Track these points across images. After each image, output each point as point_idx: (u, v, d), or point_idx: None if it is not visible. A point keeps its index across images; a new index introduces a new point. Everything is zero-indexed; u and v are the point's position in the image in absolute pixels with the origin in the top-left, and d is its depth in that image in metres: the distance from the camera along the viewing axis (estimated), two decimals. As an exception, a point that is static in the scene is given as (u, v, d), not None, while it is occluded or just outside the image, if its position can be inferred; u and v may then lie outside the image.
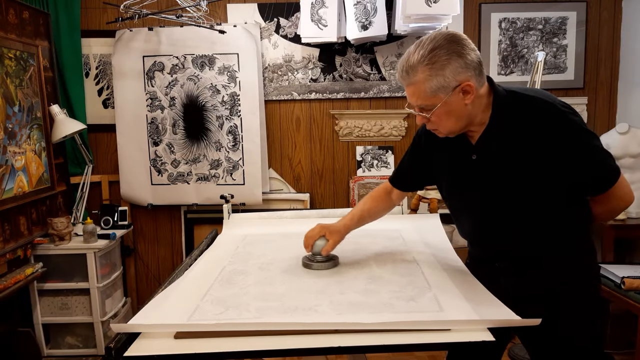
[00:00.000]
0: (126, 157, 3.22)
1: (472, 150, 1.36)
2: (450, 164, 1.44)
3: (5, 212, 2.43)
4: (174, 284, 1.40)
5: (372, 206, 1.66)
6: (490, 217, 1.38)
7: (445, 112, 1.28)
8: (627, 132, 3.01)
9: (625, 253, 3.26)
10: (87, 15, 3.21)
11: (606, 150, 1.29)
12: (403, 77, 1.30)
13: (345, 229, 1.58)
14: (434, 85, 1.25)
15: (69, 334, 2.91)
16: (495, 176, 1.33)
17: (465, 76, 1.24)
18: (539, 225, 1.34)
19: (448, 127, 1.32)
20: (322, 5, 3.01)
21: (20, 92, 2.59)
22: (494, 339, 1.03)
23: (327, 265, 1.52)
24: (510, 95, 1.31)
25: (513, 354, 2.81)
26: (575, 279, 1.36)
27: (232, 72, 3.13)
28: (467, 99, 1.26)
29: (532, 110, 1.27)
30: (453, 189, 1.49)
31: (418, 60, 1.26)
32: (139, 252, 3.43)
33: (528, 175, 1.28)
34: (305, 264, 1.54)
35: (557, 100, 1.30)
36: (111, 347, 1.02)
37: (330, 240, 1.52)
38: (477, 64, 1.26)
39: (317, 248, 1.52)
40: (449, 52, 1.23)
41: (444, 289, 1.31)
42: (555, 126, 1.24)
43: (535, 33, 3.29)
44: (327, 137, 3.36)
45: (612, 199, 1.32)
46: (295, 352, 1.04)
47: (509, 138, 1.29)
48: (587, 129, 1.27)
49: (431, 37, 1.27)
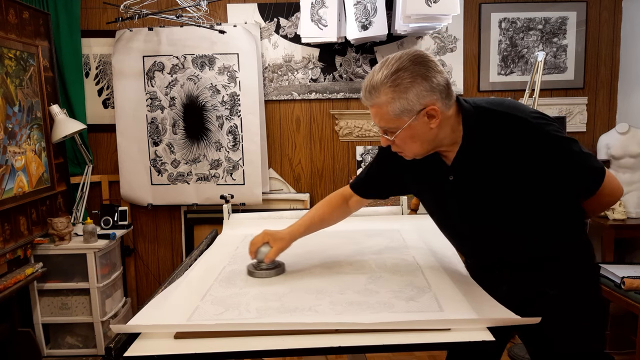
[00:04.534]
0: (126, 157, 3.22)
1: (449, 171, 1.32)
2: (428, 184, 1.40)
3: (5, 212, 2.43)
4: (174, 284, 1.40)
5: (325, 213, 1.59)
6: (479, 233, 1.37)
7: (410, 135, 1.23)
8: (627, 132, 3.01)
9: (625, 253, 3.26)
10: (87, 15, 3.21)
11: (587, 152, 1.26)
12: (366, 96, 1.24)
13: (291, 236, 1.52)
14: (397, 108, 1.19)
15: (69, 334, 2.91)
16: (477, 196, 1.30)
17: (430, 100, 1.19)
18: (531, 234, 1.32)
19: (413, 150, 1.27)
20: (322, 5, 3.01)
21: (20, 92, 2.59)
22: (493, 339, 1.03)
23: (270, 273, 1.46)
24: (479, 111, 1.26)
25: (513, 354, 2.81)
26: (574, 279, 1.35)
27: (232, 72, 3.13)
28: (433, 123, 1.21)
29: (506, 127, 1.22)
30: (436, 209, 1.46)
31: (381, 81, 1.20)
32: (139, 252, 3.43)
33: (512, 192, 1.25)
34: (249, 271, 1.49)
35: (528, 112, 1.25)
36: (111, 347, 1.02)
37: (273, 247, 1.47)
38: (443, 87, 1.20)
39: (261, 255, 1.47)
40: (413, 75, 1.18)
41: (444, 288, 1.31)
42: (532, 141, 1.20)
43: (535, 33, 3.29)
44: (327, 137, 3.36)
45: (602, 197, 1.29)
46: (295, 352, 1.04)
47: (486, 157, 1.25)
48: (564, 137, 1.23)
49: (397, 56, 1.22)
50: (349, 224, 2.05)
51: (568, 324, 1.33)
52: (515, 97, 3.30)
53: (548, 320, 1.19)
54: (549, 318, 1.21)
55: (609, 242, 2.93)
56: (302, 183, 3.38)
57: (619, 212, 2.92)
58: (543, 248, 1.33)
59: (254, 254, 1.49)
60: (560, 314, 1.32)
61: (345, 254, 1.65)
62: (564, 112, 3.33)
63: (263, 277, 1.46)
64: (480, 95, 3.32)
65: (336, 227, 1.68)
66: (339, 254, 1.65)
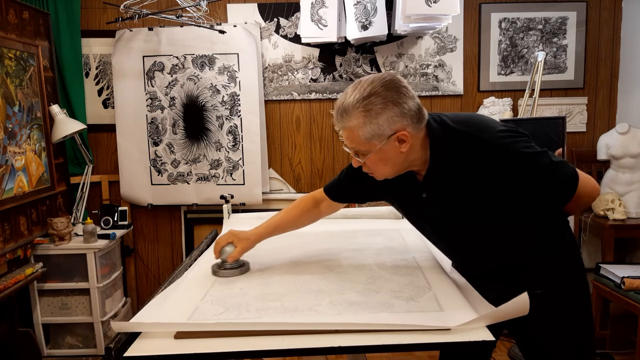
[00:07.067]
0: (126, 157, 3.22)
1: (421, 189, 1.33)
2: (403, 199, 1.41)
3: (5, 212, 2.42)
4: (174, 284, 1.40)
5: (294, 216, 1.59)
6: (460, 244, 1.39)
7: (380, 158, 1.25)
8: (627, 132, 3.01)
9: (625, 253, 3.26)
10: (87, 15, 3.21)
11: (557, 161, 1.24)
12: (338, 119, 1.25)
13: (256, 237, 1.53)
14: (368, 133, 1.21)
15: (69, 334, 2.91)
16: (451, 212, 1.31)
17: (401, 125, 1.20)
18: (512, 241, 1.33)
19: (384, 172, 1.29)
20: (322, 5, 3.01)
21: (20, 92, 2.59)
22: (494, 339, 1.03)
23: (233, 272, 1.47)
24: (446, 132, 1.25)
25: (513, 353, 2.81)
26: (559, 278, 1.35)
27: (232, 72, 3.13)
28: (403, 147, 1.22)
29: (472, 149, 1.22)
30: (415, 221, 1.48)
31: (352, 105, 1.21)
32: (139, 252, 3.43)
33: (486, 207, 1.26)
34: (213, 270, 1.50)
35: (494, 131, 1.24)
36: (111, 347, 1.02)
37: (237, 247, 1.48)
38: (415, 112, 1.21)
39: (224, 255, 1.49)
40: (384, 100, 1.19)
41: (444, 288, 1.31)
42: (499, 161, 1.20)
43: (535, 33, 3.29)
44: (327, 137, 3.36)
45: (579, 199, 1.28)
46: (295, 352, 1.04)
47: (454, 177, 1.26)
48: (532, 152, 1.22)
49: (369, 80, 1.23)
50: (349, 224, 2.06)
51: (555, 324, 1.34)
52: (515, 97, 3.30)
53: (536, 320, 1.19)
54: (536, 318, 1.21)
55: (609, 242, 2.93)
56: (302, 183, 3.38)
57: (619, 212, 2.92)
58: (525, 252, 1.35)
59: (218, 253, 1.50)
60: (547, 314, 1.32)
61: (345, 254, 1.65)
62: (564, 112, 3.33)
63: (226, 276, 1.47)
64: (480, 95, 3.32)
65: (336, 227, 1.68)
66: (339, 254, 1.65)
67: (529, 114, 2.96)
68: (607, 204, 2.95)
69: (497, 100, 3.27)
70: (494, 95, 3.31)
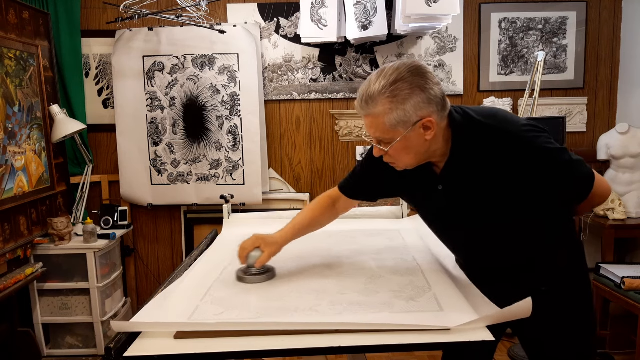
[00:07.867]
0: (126, 157, 3.22)
1: (438, 181, 1.32)
2: (418, 192, 1.40)
3: (5, 212, 2.43)
4: (174, 284, 1.40)
5: (315, 216, 1.57)
6: (471, 239, 1.38)
7: (404, 147, 1.23)
8: (627, 132, 3.01)
9: (625, 253, 3.26)
10: (87, 15, 3.21)
11: (576, 159, 1.25)
12: (362, 106, 1.23)
13: (283, 240, 1.49)
14: (394, 119, 1.19)
15: (69, 334, 2.91)
16: (466, 205, 1.31)
17: (427, 112, 1.19)
18: (522, 238, 1.33)
19: (406, 161, 1.27)
20: (322, 5, 3.01)
21: (20, 92, 2.59)
22: (494, 339, 1.03)
23: (261, 278, 1.42)
24: (469, 123, 1.25)
25: (513, 353, 2.81)
26: (564, 278, 1.35)
27: (232, 72, 3.13)
28: (428, 135, 1.21)
29: (497, 141, 1.22)
30: (427, 216, 1.47)
31: (379, 91, 1.18)
32: (139, 252, 3.43)
33: (502, 202, 1.26)
34: (238, 277, 1.44)
35: (519, 125, 1.24)
36: (111, 347, 1.02)
37: (265, 251, 1.43)
38: (440, 99, 1.20)
39: (252, 260, 1.42)
40: (412, 86, 1.17)
41: (444, 288, 1.31)
42: (523, 156, 1.20)
43: (535, 33, 3.29)
44: (327, 137, 3.36)
45: (593, 199, 1.30)
46: (295, 352, 1.04)
47: (474, 169, 1.25)
48: (553, 147, 1.22)
49: (394, 66, 1.21)
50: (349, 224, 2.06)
51: (559, 322, 1.34)
52: (515, 97, 3.30)
53: (539, 319, 1.19)
54: (540, 317, 1.21)
55: (609, 242, 2.93)
56: (302, 183, 3.38)
57: (619, 212, 2.92)
58: (534, 250, 1.35)
59: (244, 258, 1.44)
60: (552, 312, 1.33)
61: (345, 254, 1.65)
62: (564, 112, 3.33)
63: (254, 282, 1.42)
64: (480, 95, 3.33)
65: (336, 227, 1.68)
66: (339, 254, 1.65)
67: (529, 114, 2.96)
68: (607, 204, 2.95)
69: (497, 100, 3.27)
70: (494, 95, 3.31)
